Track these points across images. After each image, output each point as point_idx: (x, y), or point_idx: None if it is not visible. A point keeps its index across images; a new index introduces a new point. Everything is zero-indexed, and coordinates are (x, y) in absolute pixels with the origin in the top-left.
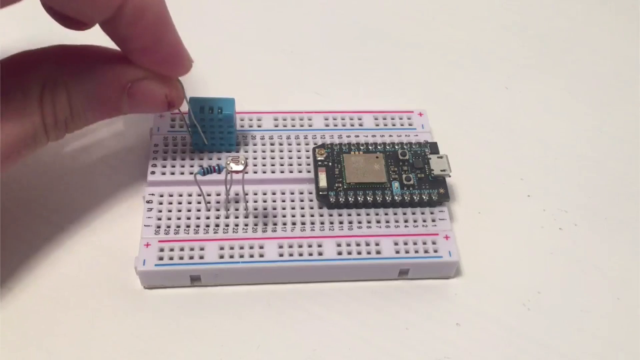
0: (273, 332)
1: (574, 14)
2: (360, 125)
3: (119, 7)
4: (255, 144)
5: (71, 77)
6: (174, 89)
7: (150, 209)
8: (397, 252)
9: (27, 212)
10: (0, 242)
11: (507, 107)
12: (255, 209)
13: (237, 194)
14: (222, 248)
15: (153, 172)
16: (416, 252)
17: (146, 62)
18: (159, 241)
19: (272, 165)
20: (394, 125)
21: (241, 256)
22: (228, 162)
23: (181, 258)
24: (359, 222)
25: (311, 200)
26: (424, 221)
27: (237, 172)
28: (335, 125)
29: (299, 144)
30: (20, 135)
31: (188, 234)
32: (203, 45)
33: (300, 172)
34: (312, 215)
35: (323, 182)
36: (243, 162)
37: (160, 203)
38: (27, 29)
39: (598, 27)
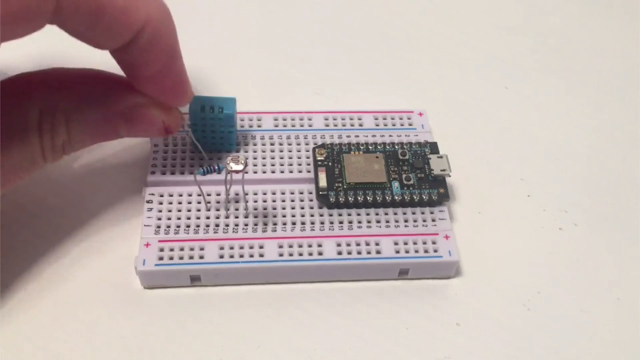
0: (273, 332)
1: (574, 14)
2: (360, 125)
3: (135, 35)
4: (255, 144)
5: (70, 104)
6: (171, 115)
7: (150, 209)
8: (397, 251)
9: (26, 213)
10: (0, 242)
11: (507, 107)
12: (255, 209)
13: (237, 194)
14: (222, 248)
15: (153, 172)
16: (416, 251)
17: (151, 90)
18: (159, 241)
19: (272, 165)
20: (394, 125)
21: (241, 256)
22: (228, 162)
23: (181, 258)
24: (359, 222)
25: (311, 200)
26: (424, 221)
27: (236, 171)
28: (335, 125)
29: (299, 144)
30: (19, 163)
31: (188, 233)
32: (203, 45)
33: (300, 172)
34: (312, 215)
35: (323, 182)
36: (243, 161)
37: (160, 203)
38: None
39: (598, 26)
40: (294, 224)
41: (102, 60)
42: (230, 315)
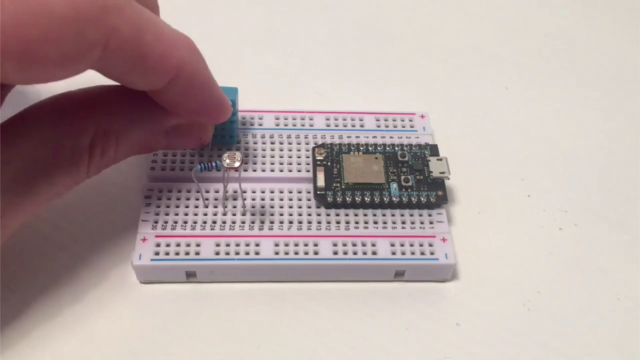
0: (273, 331)
1: (574, 14)
2: (362, 126)
3: (172, 78)
4: (255, 142)
5: (121, 128)
6: (208, 129)
7: (148, 204)
8: (393, 253)
9: None
10: None
11: (508, 107)
12: (253, 207)
13: (235, 192)
14: (218, 245)
15: (153, 168)
16: (412, 253)
17: (193, 118)
18: (156, 236)
19: (272, 163)
20: (395, 127)
21: (237, 253)
22: (224, 159)
23: (177, 254)
24: (356, 223)
25: (309, 200)
26: (422, 223)
27: (232, 168)
28: (337, 126)
29: (299, 144)
30: (69, 184)
31: (185, 229)
32: (205, 44)
33: (299, 171)
34: (309, 215)
35: (321, 182)
36: (239, 159)
37: (159, 198)
38: None
39: (598, 27)
40: (290, 222)
41: None
42: (227, 313)
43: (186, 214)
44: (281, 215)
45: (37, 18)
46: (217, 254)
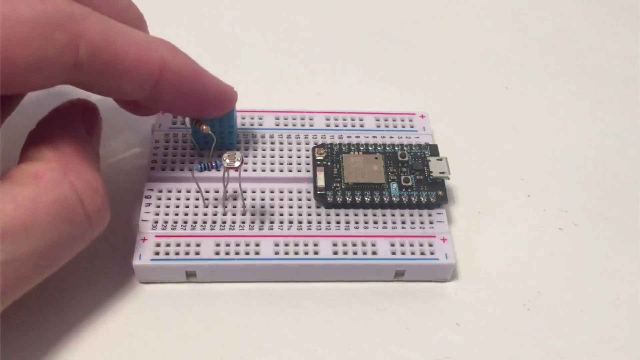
0: (273, 331)
1: (574, 14)
2: (362, 126)
3: (156, 82)
4: (255, 142)
5: None
6: None
7: (148, 204)
8: (393, 253)
9: None
10: None
11: (508, 107)
12: (253, 207)
13: (235, 192)
14: (218, 245)
15: (153, 168)
16: (412, 253)
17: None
18: (156, 236)
19: (272, 164)
20: (395, 127)
21: (237, 253)
22: (224, 159)
23: (177, 253)
24: (356, 222)
25: (309, 200)
26: (422, 223)
27: (232, 168)
28: (337, 126)
29: (299, 144)
30: None
31: (185, 229)
32: (205, 44)
33: (299, 171)
34: (309, 215)
35: (321, 182)
36: (239, 158)
37: (159, 198)
38: None
39: (598, 26)
40: (290, 222)
41: None
42: (227, 313)
43: (186, 214)
44: (281, 215)
45: (5, 21)
46: (217, 254)
